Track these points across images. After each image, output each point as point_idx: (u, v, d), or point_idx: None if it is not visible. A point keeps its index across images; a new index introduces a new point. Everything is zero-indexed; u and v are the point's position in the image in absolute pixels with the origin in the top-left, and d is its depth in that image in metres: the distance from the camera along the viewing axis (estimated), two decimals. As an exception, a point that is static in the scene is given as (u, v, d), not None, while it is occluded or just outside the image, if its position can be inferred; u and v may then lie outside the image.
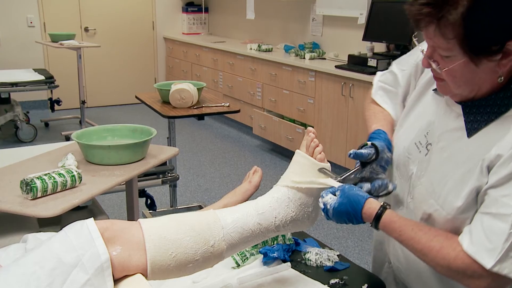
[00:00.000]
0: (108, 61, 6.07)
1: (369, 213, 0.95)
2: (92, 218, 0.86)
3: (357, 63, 3.54)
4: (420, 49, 0.93)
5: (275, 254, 1.20)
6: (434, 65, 0.89)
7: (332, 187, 0.98)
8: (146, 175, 2.53)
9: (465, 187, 0.89)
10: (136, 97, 2.97)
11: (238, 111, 2.69)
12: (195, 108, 2.61)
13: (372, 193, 1.00)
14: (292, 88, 4.05)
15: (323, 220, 3.10)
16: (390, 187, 1.02)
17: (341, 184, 0.99)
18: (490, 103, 0.88)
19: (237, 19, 5.71)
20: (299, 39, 4.67)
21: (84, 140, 1.65)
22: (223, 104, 2.71)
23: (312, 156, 1.01)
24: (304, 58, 4.13)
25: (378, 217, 0.94)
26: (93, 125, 4.59)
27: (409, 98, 1.11)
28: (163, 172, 2.62)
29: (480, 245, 0.83)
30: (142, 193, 2.66)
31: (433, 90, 1.02)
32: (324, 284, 1.12)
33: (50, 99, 5.18)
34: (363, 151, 1.01)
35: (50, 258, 0.78)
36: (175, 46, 6.15)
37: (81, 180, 1.44)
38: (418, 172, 1.01)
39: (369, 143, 1.03)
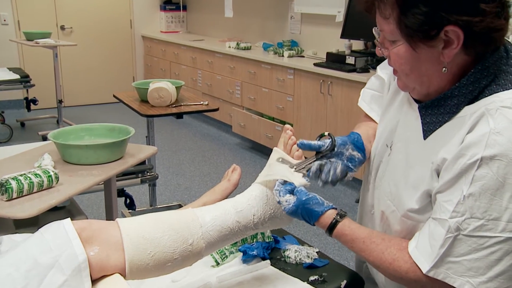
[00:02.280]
0: (85, 60, 5.97)
1: (323, 224, 0.94)
2: (69, 218, 0.85)
3: (335, 60, 3.57)
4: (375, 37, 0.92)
5: (254, 252, 1.20)
6: (381, 49, 0.88)
7: (291, 183, 0.96)
8: (125, 174, 2.51)
9: (418, 190, 0.87)
10: (114, 96, 2.94)
11: (217, 110, 2.69)
12: (174, 106, 2.60)
13: (321, 178, 0.98)
14: (271, 86, 4.06)
15: (302, 217, 3.12)
16: (339, 170, 0.98)
17: (301, 186, 0.96)
18: (443, 103, 0.84)
19: (216, 17, 5.69)
20: (278, 37, 4.69)
21: (61, 139, 1.63)
22: (202, 102, 2.70)
23: (289, 154, 1.02)
24: (282, 56, 4.14)
25: (331, 228, 0.93)
26: (70, 125, 4.51)
27: (385, 100, 1.08)
28: (142, 171, 2.60)
29: (422, 249, 0.82)
30: (121, 192, 2.64)
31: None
32: (304, 281, 1.13)
33: (26, 98, 5.08)
34: (312, 141, 1.00)
35: (26, 260, 0.77)
36: (153, 45, 6.09)
37: (58, 180, 1.42)
38: (381, 172, 1.02)
39: (326, 134, 1.02)
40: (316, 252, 1.27)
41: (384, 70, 1.12)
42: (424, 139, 0.88)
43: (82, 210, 2.01)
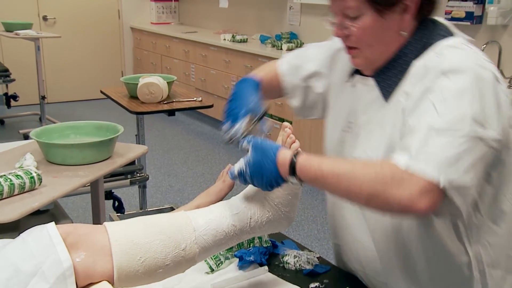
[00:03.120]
0: (70, 53, 5.96)
1: (284, 161, 0.93)
2: (53, 222, 0.85)
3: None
4: (328, 21, 1.06)
5: (251, 258, 1.21)
6: (345, 28, 1.00)
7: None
8: (113, 175, 2.51)
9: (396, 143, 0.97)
10: (101, 91, 2.93)
11: (211, 106, 2.69)
12: (165, 103, 2.59)
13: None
14: (269, 81, 4.07)
15: (302, 221, 3.13)
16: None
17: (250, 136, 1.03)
18: (395, 64, 1.01)
19: (210, 7, 5.69)
20: (276, 28, 4.69)
21: (44, 138, 1.63)
22: (195, 98, 2.70)
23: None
24: (281, 49, 4.15)
25: (293, 163, 0.92)
26: (54, 122, 4.51)
27: (328, 96, 1.22)
28: (132, 172, 2.60)
29: (399, 150, 0.90)
30: (109, 195, 2.64)
31: (346, 82, 1.14)
32: (303, 288, 1.14)
33: (6, 94, 5.06)
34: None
35: (6, 267, 0.77)
36: (143, 37, 6.09)
37: (41, 182, 1.42)
38: (349, 151, 1.10)
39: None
40: (317, 257, 1.28)
41: (311, 63, 1.24)
42: (386, 101, 1.03)
43: (67, 214, 2.01)
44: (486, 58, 0.96)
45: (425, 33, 1.01)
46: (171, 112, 2.64)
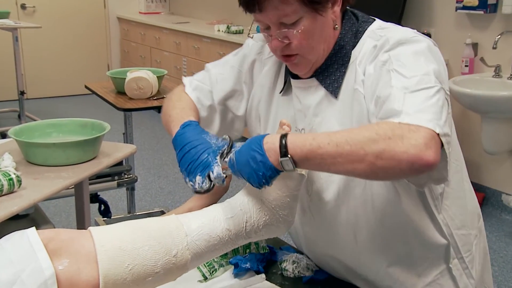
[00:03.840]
0: (51, 45, 5.95)
1: (272, 143, 0.90)
2: (34, 228, 0.85)
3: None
4: (249, 37, 1.21)
5: (247, 265, 1.21)
6: (286, 37, 1.04)
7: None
8: (99, 177, 2.51)
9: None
10: (85, 86, 2.93)
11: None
12: (155, 99, 2.60)
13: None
14: (267, 75, 4.07)
15: (303, 225, 3.13)
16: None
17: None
18: (334, 60, 1.09)
19: (203, -4, 5.69)
20: (274, 19, 4.69)
21: (24, 137, 1.63)
22: (187, 94, 2.70)
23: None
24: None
25: (283, 142, 0.89)
26: (34, 120, 4.50)
27: (255, 113, 1.26)
28: (119, 173, 2.59)
29: (384, 118, 0.93)
30: (95, 198, 2.63)
31: (280, 93, 1.20)
32: (303, 297, 1.14)
33: (-18, 89, 5.06)
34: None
35: (-17, 275, 0.77)
36: (131, 28, 6.08)
37: (20, 184, 1.42)
38: None
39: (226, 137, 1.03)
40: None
41: (222, 84, 1.27)
42: (336, 97, 1.09)
43: (48, 219, 2.01)
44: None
45: (352, 23, 1.11)
46: (161, 109, 2.63)
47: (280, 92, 1.21)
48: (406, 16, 3.50)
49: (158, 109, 2.62)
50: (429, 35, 3.20)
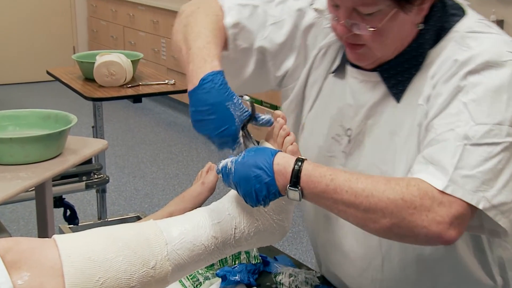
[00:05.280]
0: (7, 24, 5.90)
1: (284, 166, 0.91)
2: (-11, 236, 0.85)
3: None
4: (312, 7, 1.10)
5: (237, 277, 1.21)
6: (356, 28, 0.99)
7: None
8: (64, 177, 2.50)
9: (415, 153, 1.01)
10: (47, 72, 2.91)
11: (187, 91, 2.68)
12: (129, 87, 2.59)
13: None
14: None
15: (300, 232, 3.15)
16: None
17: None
18: (406, 58, 1.04)
19: (184, -33, 5.67)
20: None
21: (-24, 131, 1.62)
22: (166, 81, 2.70)
23: (281, 148, 1.03)
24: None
25: (296, 169, 0.90)
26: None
27: (297, 91, 1.19)
28: (87, 173, 2.59)
29: (433, 167, 0.92)
30: (59, 201, 2.63)
31: (332, 73, 1.15)
32: (301, 314, 1.15)
33: None
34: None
35: None
36: (100, 4, 6.04)
37: (-27, 186, 1.42)
38: (350, 162, 1.11)
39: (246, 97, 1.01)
40: (318, 277, 1.29)
41: (278, 30, 1.15)
42: (398, 101, 1.06)
43: (4, 226, 2.00)
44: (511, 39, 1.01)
45: (438, 17, 1.04)
46: (136, 98, 2.63)
47: (332, 73, 1.15)
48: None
49: (133, 98, 2.62)
50: (501, 22, 3.18)
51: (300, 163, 0.91)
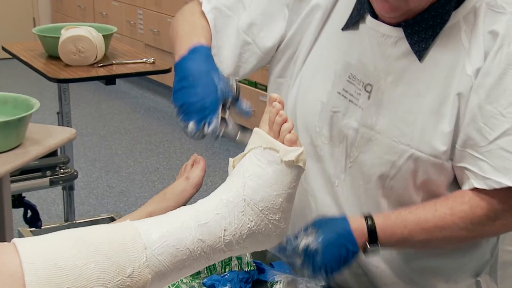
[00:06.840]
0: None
1: (359, 229, 1.14)
2: None
3: None
4: None
5: (227, 287, 1.22)
6: None
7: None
8: (24, 172, 2.50)
9: (442, 119, 1.14)
10: (3, 48, 2.90)
11: (168, 71, 2.68)
12: (101, 66, 2.58)
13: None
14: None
15: (302, 235, 3.16)
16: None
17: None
18: (431, 15, 1.14)
19: None
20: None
21: None
22: (144, 59, 2.69)
23: (278, 137, 1.03)
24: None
25: (371, 227, 1.15)
26: None
27: (290, 46, 1.32)
28: (52, 167, 2.59)
29: (491, 173, 1.09)
30: (18, 200, 2.62)
31: (342, 29, 1.24)
32: (302, 329, 1.16)
33: None
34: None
35: None
36: (66, -32, 6.01)
37: None
38: (367, 120, 1.20)
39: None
40: (321, 286, 1.30)
41: None
42: (420, 61, 1.15)
43: (-43, 229, 2.00)
44: None
45: None
46: (109, 80, 2.62)
47: (342, 28, 1.24)
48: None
49: (106, 79, 2.61)
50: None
51: (371, 221, 1.14)
